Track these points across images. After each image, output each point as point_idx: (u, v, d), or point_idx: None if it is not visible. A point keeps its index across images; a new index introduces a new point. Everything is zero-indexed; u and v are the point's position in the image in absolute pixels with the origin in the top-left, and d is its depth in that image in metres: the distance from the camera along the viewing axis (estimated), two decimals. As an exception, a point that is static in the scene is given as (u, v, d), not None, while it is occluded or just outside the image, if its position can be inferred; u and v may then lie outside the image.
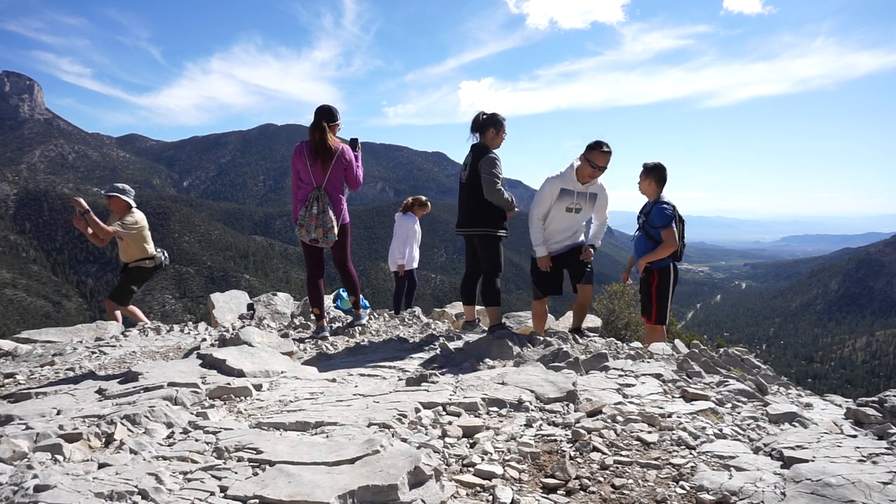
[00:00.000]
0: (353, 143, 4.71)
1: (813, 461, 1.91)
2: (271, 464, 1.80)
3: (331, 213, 4.48)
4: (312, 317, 5.33)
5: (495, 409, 2.54)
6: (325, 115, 4.49)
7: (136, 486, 1.58)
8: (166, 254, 6.51)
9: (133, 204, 6.19)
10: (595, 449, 2.11)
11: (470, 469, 1.95)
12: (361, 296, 6.23)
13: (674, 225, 4.87)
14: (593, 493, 1.81)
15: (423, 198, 7.63)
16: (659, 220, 4.90)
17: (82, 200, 5.81)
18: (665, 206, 4.94)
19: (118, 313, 6.24)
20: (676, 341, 4.48)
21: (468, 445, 2.16)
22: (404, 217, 7.34)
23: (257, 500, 1.57)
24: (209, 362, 3.19)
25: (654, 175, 5.00)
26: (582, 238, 4.87)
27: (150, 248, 6.29)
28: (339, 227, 4.56)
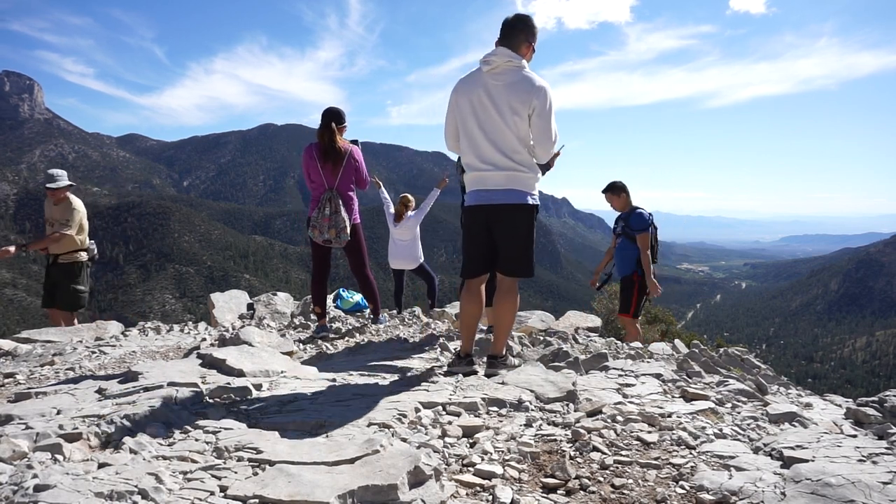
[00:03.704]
0: (354, 143, 4.75)
1: (813, 461, 1.91)
2: (271, 463, 1.80)
3: (343, 213, 4.53)
4: (313, 316, 5.34)
5: (495, 408, 2.54)
6: (334, 117, 4.54)
7: (136, 486, 1.58)
8: (94, 244, 6.03)
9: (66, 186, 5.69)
10: (595, 449, 2.11)
11: (470, 469, 1.95)
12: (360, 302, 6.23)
13: (650, 229, 5.47)
14: (593, 492, 1.81)
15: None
16: (638, 223, 5.45)
17: (11, 249, 5.54)
18: (642, 211, 5.54)
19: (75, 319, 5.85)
20: (676, 341, 4.49)
21: (468, 445, 2.16)
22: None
23: (257, 500, 1.57)
24: (209, 362, 3.19)
25: (623, 191, 5.63)
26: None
27: (85, 238, 5.82)
28: (351, 227, 4.60)
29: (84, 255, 5.84)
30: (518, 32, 3.05)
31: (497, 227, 3.12)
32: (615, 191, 5.65)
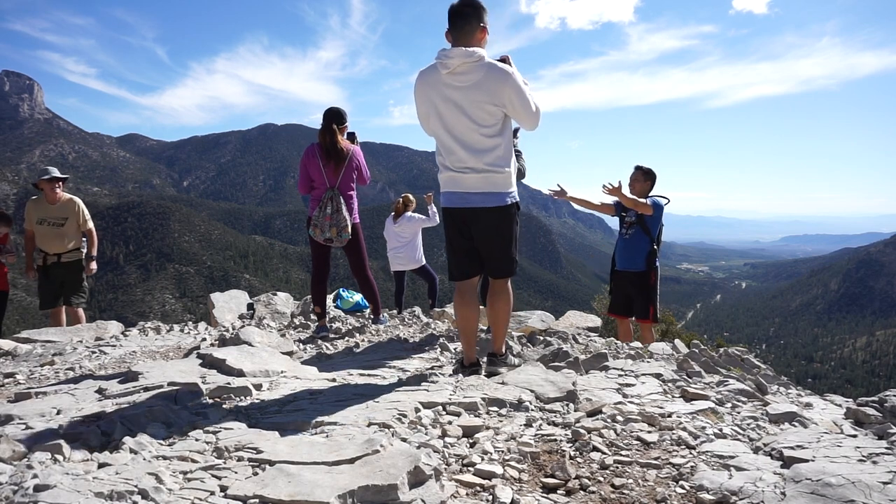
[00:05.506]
0: (352, 136, 4.76)
1: (813, 461, 1.91)
2: (271, 463, 1.80)
3: (344, 211, 4.56)
4: (313, 316, 5.34)
5: (495, 408, 2.54)
6: (335, 118, 4.57)
7: (136, 486, 1.58)
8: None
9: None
10: (595, 449, 2.11)
11: (470, 469, 1.95)
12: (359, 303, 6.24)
13: (661, 219, 5.26)
14: (593, 492, 1.81)
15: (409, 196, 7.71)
16: (653, 201, 5.16)
17: (92, 266, 5.93)
18: (659, 199, 5.23)
19: (81, 312, 5.93)
20: (676, 341, 4.49)
21: (468, 445, 2.16)
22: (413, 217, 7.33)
23: (257, 500, 1.57)
24: (209, 362, 3.19)
25: (652, 180, 5.33)
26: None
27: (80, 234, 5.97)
28: (351, 226, 4.62)
29: (82, 251, 5.99)
30: (470, 18, 2.89)
31: (477, 230, 3.03)
32: (649, 175, 5.29)
